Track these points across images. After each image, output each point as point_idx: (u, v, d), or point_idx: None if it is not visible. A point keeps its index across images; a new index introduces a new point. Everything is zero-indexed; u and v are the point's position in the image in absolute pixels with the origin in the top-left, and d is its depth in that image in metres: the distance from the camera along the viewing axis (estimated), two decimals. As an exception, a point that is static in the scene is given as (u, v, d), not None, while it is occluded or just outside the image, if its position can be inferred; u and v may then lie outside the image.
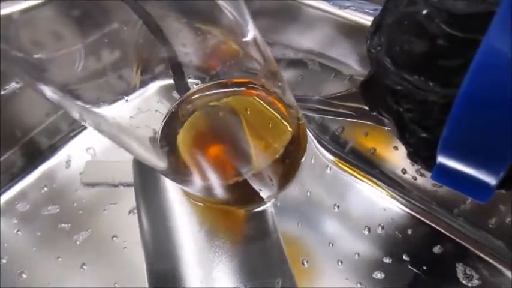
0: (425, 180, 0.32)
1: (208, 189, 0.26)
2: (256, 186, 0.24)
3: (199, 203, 0.27)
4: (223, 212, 0.28)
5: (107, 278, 0.32)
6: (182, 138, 0.26)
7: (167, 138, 0.26)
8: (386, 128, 0.31)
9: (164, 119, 0.26)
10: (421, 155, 0.24)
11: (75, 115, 0.19)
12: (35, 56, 0.18)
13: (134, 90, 0.26)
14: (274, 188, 0.26)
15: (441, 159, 0.22)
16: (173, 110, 0.26)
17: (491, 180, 0.20)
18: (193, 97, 0.27)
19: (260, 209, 0.27)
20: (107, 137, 0.21)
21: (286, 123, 0.25)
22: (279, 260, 0.28)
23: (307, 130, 0.38)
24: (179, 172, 0.25)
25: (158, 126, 0.26)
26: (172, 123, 0.26)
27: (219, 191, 0.25)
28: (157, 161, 0.25)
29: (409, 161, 0.33)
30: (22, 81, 0.33)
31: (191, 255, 0.27)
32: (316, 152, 0.37)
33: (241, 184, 0.24)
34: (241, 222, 0.29)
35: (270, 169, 0.24)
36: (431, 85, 0.21)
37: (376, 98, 0.25)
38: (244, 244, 0.27)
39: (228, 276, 0.26)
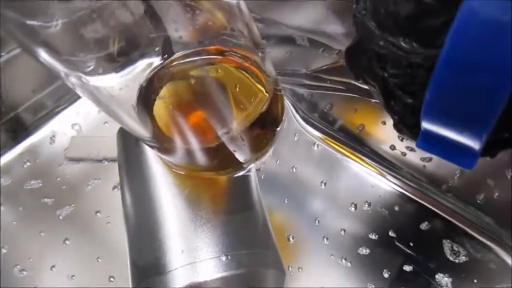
0: (414, 156, 0.31)
1: (188, 156, 0.25)
2: (232, 149, 0.24)
3: (181, 172, 0.27)
4: (206, 182, 0.28)
5: (89, 253, 0.32)
6: (159, 105, 0.26)
7: (145, 106, 0.26)
8: (373, 101, 0.31)
9: (141, 86, 0.25)
10: (407, 122, 0.24)
11: (67, 81, 0.19)
12: (31, 22, 0.17)
13: (122, 65, 0.26)
14: (250, 152, 0.25)
15: (425, 124, 0.22)
16: (150, 77, 0.26)
17: (474, 144, 0.20)
18: (172, 64, 0.26)
19: (240, 174, 0.27)
20: (95, 103, 0.21)
21: (263, 90, 0.25)
22: (263, 231, 0.27)
23: (291, 107, 0.38)
24: (158, 139, 0.24)
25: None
26: (148, 91, 0.25)
27: (198, 156, 0.24)
28: (141, 130, 0.24)
29: (397, 137, 0.32)
30: (18, 45, 0.33)
31: (172, 226, 0.26)
32: (301, 130, 0.37)
33: (219, 148, 0.23)
34: (224, 192, 0.28)
35: (245, 133, 0.24)
36: (415, 46, 0.20)
37: (362, 65, 0.24)
38: (227, 214, 0.27)
39: (210, 246, 0.25)
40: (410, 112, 0.23)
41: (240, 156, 0.26)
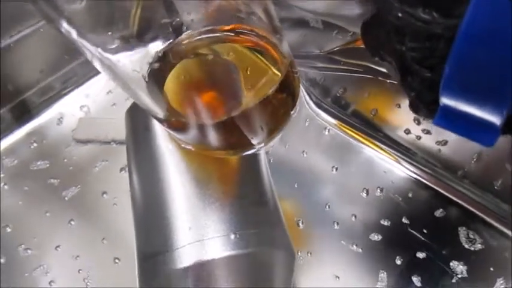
0: (429, 139, 0.30)
1: (198, 133, 0.24)
2: (243, 127, 0.24)
3: (191, 149, 0.26)
4: (215, 162, 0.27)
5: (94, 234, 0.31)
6: (170, 80, 0.25)
7: (156, 81, 0.25)
8: (388, 81, 0.30)
9: (153, 61, 0.25)
10: (424, 99, 0.23)
11: (87, 55, 0.20)
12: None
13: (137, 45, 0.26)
14: (261, 132, 0.25)
15: (444, 99, 0.21)
16: (162, 53, 0.25)
17: (495, 119, 0.19)
18: (184, 42, 0.26)
19: (250, 152, 0.26)
20: (112, 78, 0.22)
21: (275, 71, 0.24)
22: (273, 211, 0.26)
23: (304, 92, 0.37)
24: (169, 114, 0.24)
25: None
26: (161, 66, 0.25)
27: (208, 133, 0.24)
28: (153, 105, 0.24)
29: (412, 120, 0.32)
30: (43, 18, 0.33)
31: (180, 204, 0.25)
32: (312, 114, 0.36)
33: (230, 126, 0.23)
34: (233, 172, 0.27)
35: (256, 112, 0.23)
36: (435, 16, 0.20)
37: (379, 39, 0.24)
38: (237, 193, 0.26)
39: (219, 224, 0.24)
40: (428, 87, 0.22)
41: (250, 135, 0.25)
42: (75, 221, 0.32)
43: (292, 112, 0.27)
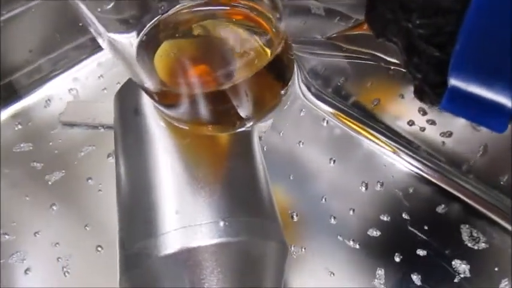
0: (434, 131, 0.29)
1: (189, 107, 0.24)
2: (234, 101, 0.23)
3: (183, 126, 0.25)
4: (206, 143, 0.25)
5: (77, 221, 0.30)
6: (160, 56, 0.25)
7: (148, 52, 0.25)
8: (391, 70, 0.29)
9: (145, 32, 0.24)
10: (431, 81, 0.22)
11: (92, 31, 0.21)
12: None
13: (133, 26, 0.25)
14: (251, 108, 0.24)
15: (453, 80, 0.20)
16: (154, 24, 0.24)
17: (507, 102, 0.18)
18: (175, 13, 0.25)
19: (240, 129, 0.25)
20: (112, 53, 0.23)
21: (267, 48, 0.24)
22: (266, 199, 0.25)
23: (299, 78, 0.36)
24: (160, 87, 0.23)
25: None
26: (152, 37, 0.24)
27: (199, 107, 0.23)
28: (145, 78, 0.23)
29: (417, 111, 0.30)
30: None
31: (167, 187, 0.24)
32: (309, 105, 0.35)
33: (220, 99, 0.22)
34: (224, 155, 0.26)
35: (246, 85, 0.22)
36: (444, -12, 0.18)
37: (384, 18, 0.22)
38: (228, 178, 0.24)
39: (207, 210, 0.23)
40: (435, 68, 0.21)
41: (240, 109, 0.24)
42: (57, 206, 0.30)
43: (282, 92, 0.26)
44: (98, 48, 0.39)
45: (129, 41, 0.23)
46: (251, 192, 0.25)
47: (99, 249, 0.29)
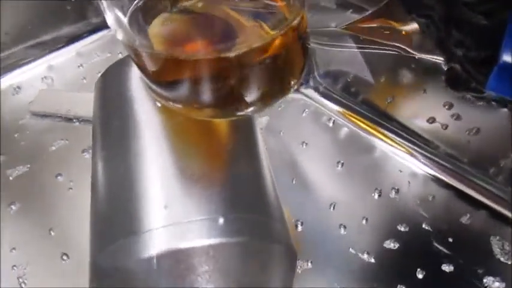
0: (458, 128, 0.26)
1: (186, 86, 0.21)
2: (237, 82, 0.20)
3: (177, 107, 0.21)
4: (202, 130, 0.22)
5: (40, 222, 0.25)
6: (155, 28, 0.22)
7: (140, 25, 0.22)
8: (413, 62, 0.26)
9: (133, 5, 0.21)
10: (476, 57, 0.19)
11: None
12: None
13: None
14: (254, 91, 0.21)
15: (505, 55, 0.17)
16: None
17: None
18: None
19: (241, 114, 0.21)
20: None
21: (270, 31, 0.21)
22: (270, 195, 0.21)
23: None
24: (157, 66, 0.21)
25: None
26: (146, 11, 0.22)
27: (197, 86, 0.20)
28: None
29: (440, 106, 0.27)
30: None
31: (155, 177, 0.20)
32: (312, 103, 0.32)
33: (222, 78, 0.20)
34: (224, 142, 0.22)
35: (251, 67, 0.20)
36: None
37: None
38: (226, 168, 0.21)
39: (203, 204, 0.19)
40: (481, 41, 0.18)
41: (243, 92, 0.21)
42: (16, 205, 0.26)
43: (293, 82, 0.23)
44: (78, 36, 0.36)
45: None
46: (254, 186, 0.21)
47: (65, 257, 0.24)
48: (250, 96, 0.22)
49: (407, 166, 0.28)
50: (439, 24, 0.19)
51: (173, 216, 0.18)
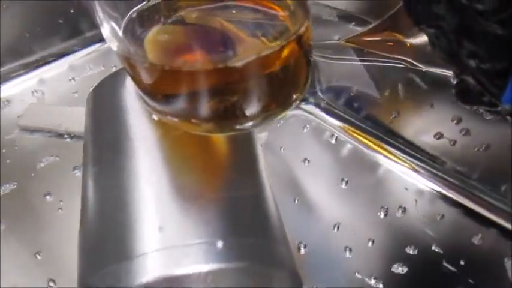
0: (467, 143, 0.25)
1: (184, 102, 0.20)
2: (236, 95, 0.19)
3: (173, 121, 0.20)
4: (200, 146, 0.21)
5: (26, 245, 0.24)
6: (151, 42, 0.21)
7: (136, 37, 0.21)
8: (418, 78, 0.25)
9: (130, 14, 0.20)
10: (491, 68, 0.18)
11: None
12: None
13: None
14: (255, 104, 0.20)
15: None
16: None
17: None
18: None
19: (240, 128, 0.20)
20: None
21: (266, 42, 0.21)
22: (273, 218, 0.20)
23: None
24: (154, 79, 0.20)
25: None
26: (139, 25, 0.21)
27: (195, 101, 0.19)
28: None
29: (448, 121, 0.26)
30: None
31: (149, 197, 0.18)
32: (315, 120, 0.31)
33: (219, 91, 0.19)
34: (223, 160, 0.21)
35: (252, 79, 0.19)
36: None
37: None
38: (227, 187, 0.19)
39: (200, 227, 0.17)
40: (497, 51, 0.17)
41: (243, 105, 0.20)
42: (2, 226, 0.24)
43: (295, 97, 0.22)
44: (71, 50, 0.35)
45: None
46: (255, 207, 0.20)
47: (52, 284, 0.23)
48: (251, 110, 0.21)
49: (413, 184, 0.27)
50: (450, 35, 0.19)
51: (168, 239, 0.17)
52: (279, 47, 0.20)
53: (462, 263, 0.24)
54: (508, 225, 0.24)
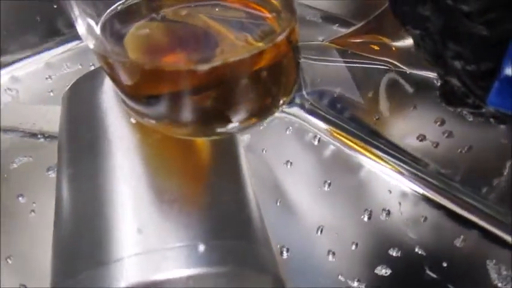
0: (449, 146, 0.25)
1: (165, 103, 0.19)
2: (218, 97, 0.19)
3: (153, 124, 0.19)
4: (180, 148, 0.20)
5: None
6: (131, 40, 0.20)
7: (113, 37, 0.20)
8: (401, 80, 0.25)
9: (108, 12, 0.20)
10: (475, 70, 0.18)
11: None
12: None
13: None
14: (239, 106, 0.20)
15: (507, 69, 0.16)
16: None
17: None
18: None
19: (222, 131, 0.20)
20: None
21: (253, 42, 0.20)
22: (255, 220, 0.19)
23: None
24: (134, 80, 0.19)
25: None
26: (119, 23, 0.20)
27: (176, 102, 0.19)
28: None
29: (431, 122, 0.26)
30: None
31: (127, 199, 0.18)
32: (298, 121, 0.31)
33: (202, 91, 0.18)
34: (204, 160, 0.20)
35: (235, 81, 0.19)
36: None
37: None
38: (208, 188, 0.19)
39: (180, 230, 0.17)
40: (482, 52, 0.17)
41: (226, 108, 0.20)
42: None
43: (282, 101, 0.22)
44: (47, 46, 0.34)
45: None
46: (237, 209, 0.19)
47: None
48: (234, 113, 0.20)
49: (396, 186, 0.27)
50: (435, 36, 0.19)
51: (147, 243, 0.16)
52: (265, 47, 0.19)
53: (444, 265, 0.23)
54: (488, 227, 0.24)
